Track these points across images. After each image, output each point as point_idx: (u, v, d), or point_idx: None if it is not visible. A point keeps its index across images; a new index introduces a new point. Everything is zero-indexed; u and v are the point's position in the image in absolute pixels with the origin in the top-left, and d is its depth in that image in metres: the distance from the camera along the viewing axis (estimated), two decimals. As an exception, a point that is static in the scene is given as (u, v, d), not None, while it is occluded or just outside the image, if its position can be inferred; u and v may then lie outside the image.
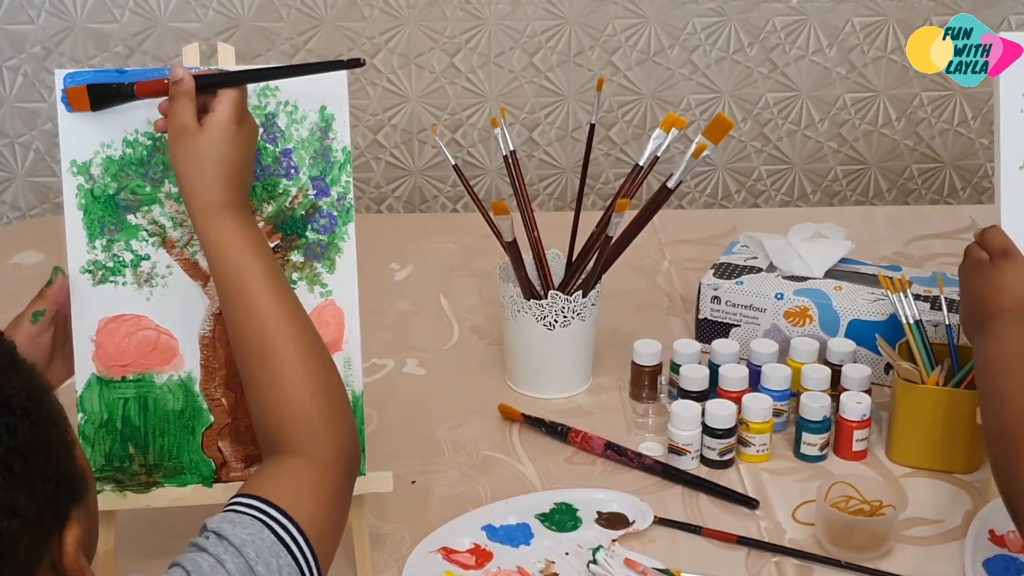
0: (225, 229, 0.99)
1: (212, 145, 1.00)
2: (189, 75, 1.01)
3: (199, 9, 2.02)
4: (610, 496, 1.26)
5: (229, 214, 1.00)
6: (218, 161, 1.00)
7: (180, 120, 1.01)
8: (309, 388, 0.97)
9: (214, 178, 1.00)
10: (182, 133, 1.00)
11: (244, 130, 1.02)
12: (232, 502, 0.90)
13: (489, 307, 1.66)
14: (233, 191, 1.01)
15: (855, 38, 2.13)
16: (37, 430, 0.73)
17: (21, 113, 2.06)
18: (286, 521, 0.88)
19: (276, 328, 0.98)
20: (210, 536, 0.87)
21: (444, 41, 2.08)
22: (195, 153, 1.00)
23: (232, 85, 1.01)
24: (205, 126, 1.00)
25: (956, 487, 1.29)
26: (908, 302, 1.36)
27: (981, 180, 2.24)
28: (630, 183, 1.44)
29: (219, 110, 1.01)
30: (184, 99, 1.01)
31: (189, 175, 1.00)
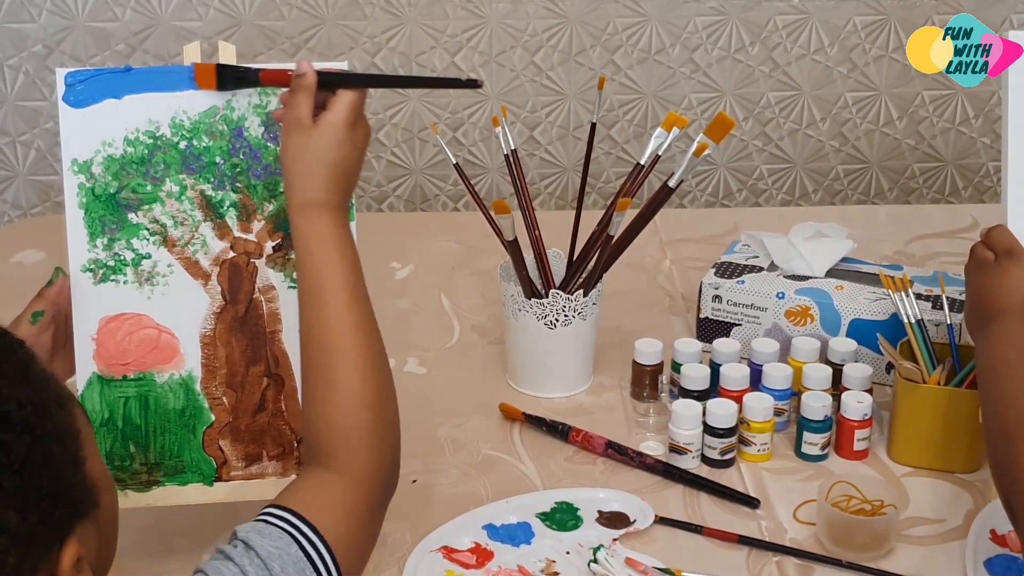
0: (316, 228, 0.99)
1: (321, 143, 1.00)
2: (312, 71, 1.02)
3: (200, 8, 2.02)
4: (611, 495, 1.26)
5: (324, 214, 1.00)
6: (324, 160, 1.00)
7: (296, 113, 1.01)
8: (361, 402, 0.96)
9: (317, 176, 1.00)
10: (295, 126, 1.01)
11: (356, 133, 1.02)
12: (264, 511, 0.90)
13: (490, 306, 1.66)
14: (333, 192, 1.01)
15: (856, 37, 2.13)
16: (38, 446, 0.72)
17: (22, 112, 2.06)
18: (315, 537, 0.88)
19: (341, 336, 0.97)
20: (238, 545, 0.87)
21: (445, 40, 2.08)
22: (303, 149, 1.00)
23: (353, 87, 1.02)
24: (318, 123, 1.01)
25: (957, 487, 1.29)
26: (909, 301, 1.36)
27: (983, 179, 2.24)
28: (631, 182, 1.44)
29: (335, 109, 1.01)
30: (303, 93, 1.01)
31: (294, 169, 1.01)
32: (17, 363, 0.75)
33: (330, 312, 0.98)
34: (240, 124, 1.10)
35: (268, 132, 1.10)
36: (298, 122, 1.01)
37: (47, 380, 0.77)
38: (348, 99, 1.01)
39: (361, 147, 1.03)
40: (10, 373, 0.74)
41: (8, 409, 0.72)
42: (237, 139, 1.10)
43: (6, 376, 0.74)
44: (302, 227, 1.00)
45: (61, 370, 1.09)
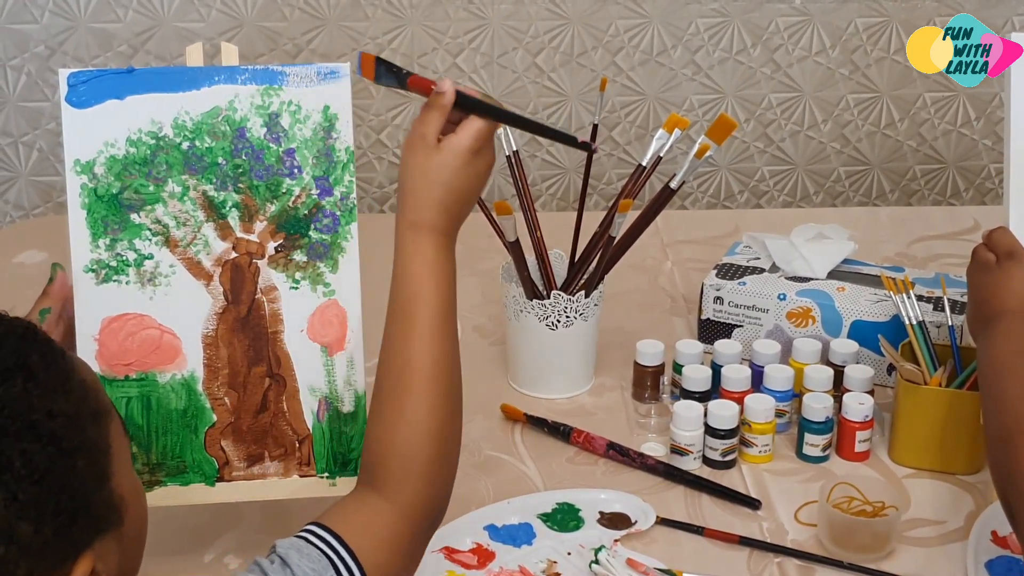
0: (419, 249, 0.98)
1: (441, 166, 0.98)
2: (452, 91, 0.99)
3: (202, 9, 2.02)
4: (612, 496, 1.27)
5: (430, 237, 0.99)
6: (440, 183, 0.98)
7: (423, 130, 0.99)
8: (425, 432, 0.96)
9: (429, 198, 0.98)
10: (419, 143, 0.99)
11: (477, 162, 0.99)
12: (307, 528, 0.90)
13: (492, 307, 1.66)
14: (443, 217, 0.99)
15: (858, 39, 2.13)
16: (62, 459, 0.71)
17: (25, 112, 2.07)
18: (353, 565, 0.88)
19: (420, 364, 0.96)
20: (275, 560, 0.87)
21: (447, 41, 2.08)
22: (421, 168, 0.98)
23: (486, 116, 0.99)
24: (442, 145, 0.98)
25: (958, 488, 1.29)
26: (911, 303, 1.36)
27: (984, 181, 2.24)
28: (633, 183, 1.45)
29: (460, 134, 0.99)
30: (435, 112, 0.99)
31: (408, 187, 0.99)
32: (58, 372, 0.74)
33: (416, 335, 0.97)
34: (242, 125, 1.10)
35: (270, 133, 1.10)
36: (422, 139, 0.99)
37: (86, 392, 0.75)
38: (476, 126, 0.99)
39: (481, 176, 1.01)
40: (47, 382, 0.73)
41: (36, 419, 0.71)
42: (239, 140, 1.10)
43: (43, 385, 0.73)
44: (406, 246, 0.99)
45: None
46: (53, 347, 0.76)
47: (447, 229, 1.00)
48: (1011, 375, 1.10)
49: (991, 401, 1.11)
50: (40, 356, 0.74)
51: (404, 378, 0.97)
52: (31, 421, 0.71)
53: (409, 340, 0.97)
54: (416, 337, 0.97)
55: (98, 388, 0.78)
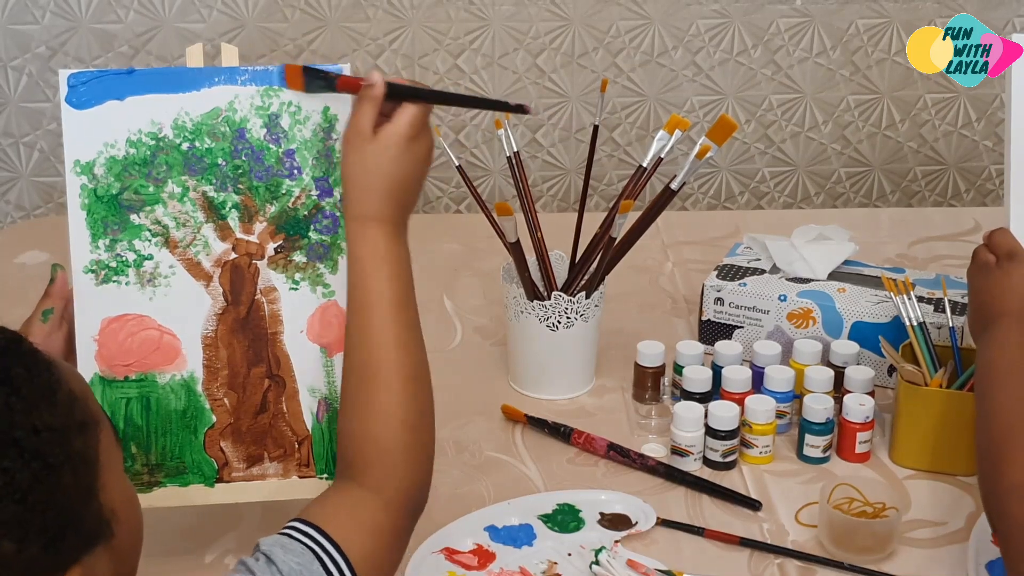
0: (368, 242, 0.99)
1: (379, 156, 0.99)
2: (382, 83, 0.99)
3: (203, 9, 2.02)
4: (613, 497, 1.26)
5: (378, 228, 0.99)
6: (381, 173, 0.99)
7: (356, 124, 1.00)
8: (397, 421, 0.96)
9: (373, 189, 0.99)
10: (355, 137, 1.00)
11: (415, 148, 1.00)
12: (290, 525, 0.90)
13: (492, 308, 1.66)
14: (389, 206, 0.99)
15: (859, 40, 2.13)
16: (47, 475, 0.70)
17: (26, 113, 2.07)
18: (338, 556, 0.88)
19: (385, 353, 0.97)
20: (260, 558, 0.87)
21: (448, 42, 2.08)
22: (361, 160, 0.99)
23: (419, 101, 1.00)
24: (378, 136, 0.99)
25: (959, 489, 1.29)
26: (911, 304, 1.36)
27: (985, 182, 2.24)
28: (633, 184, 1.45)
29: (396, 122, 0.99)
30: (367, 104, 1.00)
31: (351, 181, 1.00)
32: (42, 385, 0.73)
33: (375, 327, 0.97)
34: (242, 126, 1.10)
35: (270, 134, 1.10)
36: (358, 133, 0.99)
37: (73, 403, 0.74)
38: (410, 112, 0.99)
39: (422, 161, 1.01)
40: (31, 396, 0.72)
41: (19, 435, 0.70)
42: (239, 141, 1.10)
43: (26, 399, 0.71)
44: (355, 239, 0.99)
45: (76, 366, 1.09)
46: (39, 358, 0.75)
47: (394, 218, 1.00)
48: (1004, 384, 1.10)
49: (983, 409, 1.11)
50: (24, 369, 0.73)
51: (369, 371, 0.97)
52: (13, 438, 0.69)
53: (369, 331, 0.98)
54: (376, 329, 0.98)
55: (87, 398, 0.76)
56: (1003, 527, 1.02)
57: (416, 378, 0.98)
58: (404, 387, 0.97)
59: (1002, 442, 1.06)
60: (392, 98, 1.00)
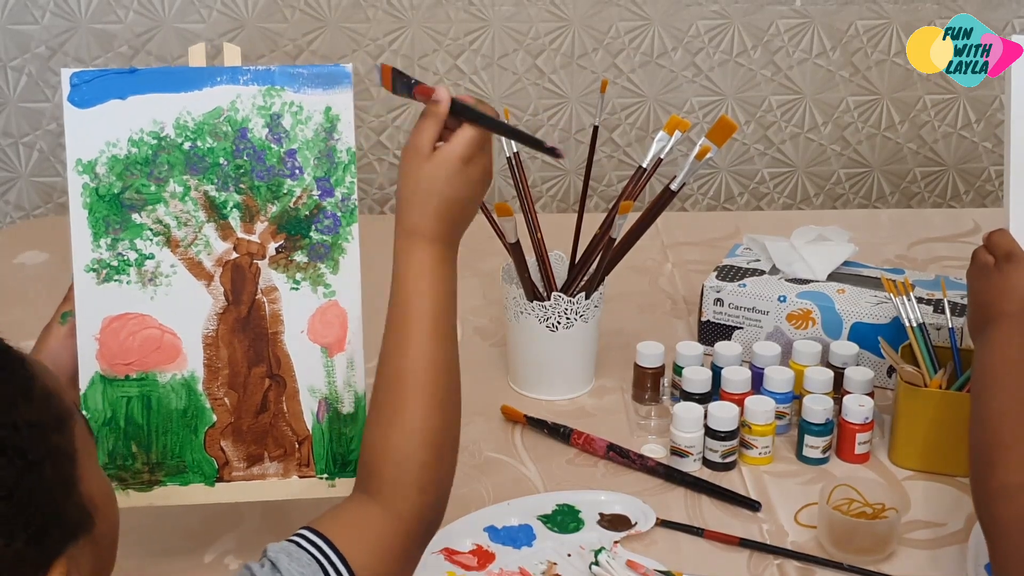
0: (415, 256, 0.99)
1: (433, 175, 0.98)
2: (447, 100, 0.99)
3: (203, 10, 2.02)
4: (612, 498, 1.27)
5: (425, 246, 0.99)
6: (433, 192, 0.98)
7: (417, 139, 0.99)
8: (420, 439, 0.96)
9: (423, 205, 0.99)
10: (412, 153, 0.99)
11: (470, 170, 0.99)
12: (299, 532, 0.90)
13: (492, 308, 1.66)
14: (439, 225, 0.99)
15: (858, 41, 2.13)
16: (28, 472, 0.70)
17: (26, 113, 2.07)
18: (343, 569, 0.88)
19: (416, 370, 0.97)
20: (265, 564, 0.87)
21: (448, 43, 2.08)
22: (416, 177, 0.99)
23: (479, 124, 0.99)
24: (435, 154, 0.99)
25: (958, 490, 1.29)
26: (911, 305, 1.36)
27: (984, 183, 2.24)
28: (633, 185, 1.45)
29: (453, 143, 0.99)
30: (430, 120, 0.99)
31: (404, 196, 1.00)
32: (18, 382, 0.73)
33: (411, 344, 0.98)
34: (244, 125, 1.10)
35: (272, 133, 1.10)
36: (416, 148, 0.99)
37: (49, 399, 0.75)
38: (468, 135, 0.99)
39: (475, 183, 1.00)
40: (8, 393, 0.72)
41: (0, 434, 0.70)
42: (241, 140, 1.10)
43: (4, 396, 0.72)
44: (401, 253, 1.00)
45: None
46: (12, 355, 0.75)
47: (444, 237, 1.00)
48: (998, 386, 1.10)
49: (976, 410, 1.11)
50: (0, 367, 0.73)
51: (398, 385, 0.97)
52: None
53: (404, 347, 0.98)
54: (411, 344, 0.98)
55: (60, 392, 0.77)
56: (990, 527, 1.03)
57: (444, 400, 0.98)
58: (431, 405, 0.97)
59: (993, 443, 1.06)
60: (455, 115, 1.00)
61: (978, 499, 1.06)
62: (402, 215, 1.00)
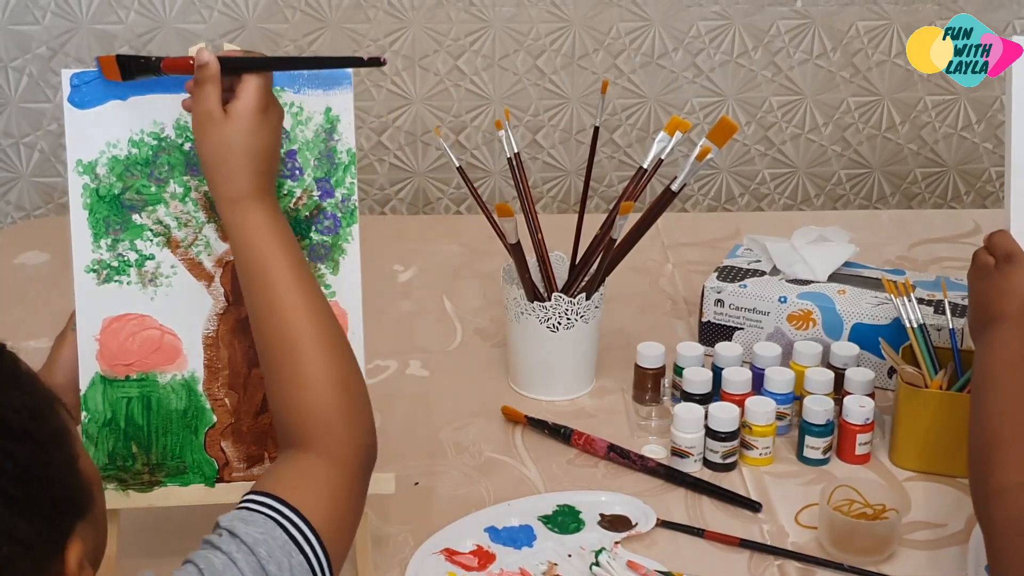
0: (251, 220, 0.98)
1: (237, 134, 0.98)
2: (215, 60, 0.98)
3: (204, 10, 2.02)
4: (613, 498, 1.27)
5: (255, 205, 0.99)
6: (243, 151, 0.98)
7: (204, 106, 0.99)
8: (328, 383, 0.96)
9: (239, 168, 0.98)
10: (207, 120, 0.99)
11: (269, 118, 0.99)
12: (245, 499, 0.90)
13: (493, 309, 1.66)
14: (259, 181, 0.99)
15: (859, 42, 2.13)
16: (38, 451, 0.72)
17: (26, 113, 2.07)
18: (298, 520, 0.88)
19: (298, 320, 0.97)
20: (223, 534, 0.87)
21: (448, 43, 2.08)
22: (220, 142, 0.98)
23: (257, 71, 0.99)
24: (230, 114, 0.98)
25: (959, 491, 1.29)
26: (912, 306, 1.36)
27: (985, 184, 2.24)
28: (634, 186, 1.45)
29: (243, 98, 0.98)
30: (209, 84, 0.98)
31: (214, 164, 0.99)
32: (5, 369, 0.74)
33: (283, 299, 0.97)
34: (244, 126, 1.10)
35: (272, 134, 1.10)
36: (208, 115, 0.98)
37: (34, 382, 0.76)
38: (255, 84, 0.98)
39: (277, 131, 1.01)
40: (2, 381, 0.73)
41: (6, 416, 0.71)
42: (241, 141, 1.10)
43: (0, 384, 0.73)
44: (235, 222, 0.99)
45: None
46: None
47: (267, 191, 1.00)
48: (997, 387, 1.10)
49: (975, 413, 1.11)
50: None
51: (286, 339, 0.96)
52: (1, 419, 0.71)
53: (276, 302, 0.97)
54: (284, 298, 0.97)
55: (37, 376, 0.77)
56: (988, 527, 1.02)
57: (334, 338, 0.98)
58: (326, 351, 0.97)
59: (993, 443, 1.06)
60: (228, 72, 0.99)
61: (977, 499, 1.06)
62: (220, 184, 0.99)
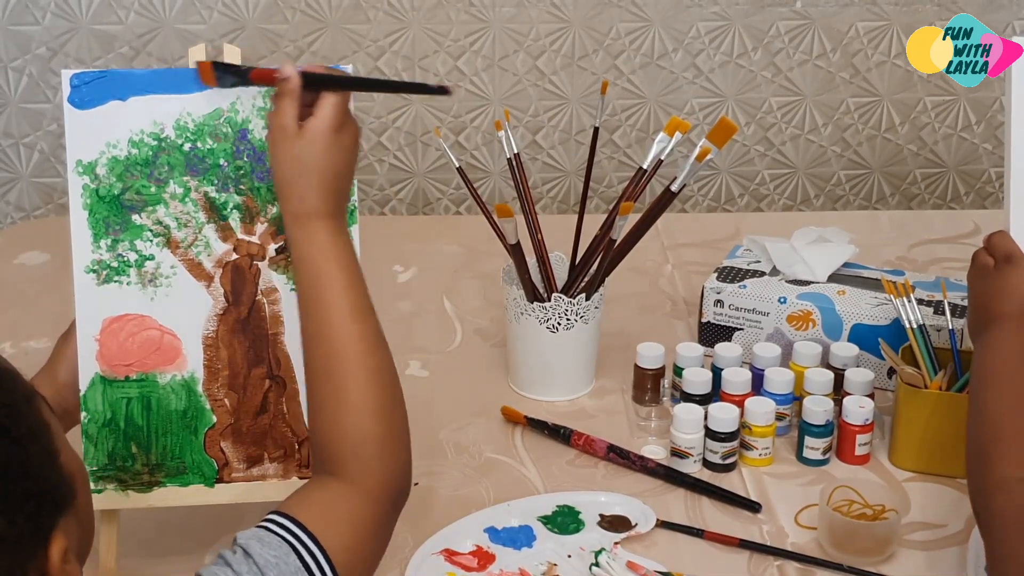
0: (315, 239, 0.98)
1: (309, 152, 0.98)
2: (296, 75, 0.99)
3: (204, 11, 2.02)
4: (612, 499, 1.27)
5: (321, 224, 0.98)
6: (314, 169, 0.98)
7: (281, 120, 0.99)
8: (369, 413, 0.95)
9: (309, 185, 0.98)
10: (281, 135, 0.99)
11: (343, 138, 0.99)
12: (268, 517, 0.90)
13: (492, 309, 1.66)
14: (328, 200, 0.99)
15: (859, 43, 2.13)
16: (16, 448, 0.72)
17: (26, 114, 2.07)
18: (315, 548, 0.87)
19: (347, 345, 0.96)
20: (237, 551, 0.87)
21: (448, 44, 2.08)
22: (292, 158, 0.98)
23: (337, 89, 0.99)
24: (304, 131, 0.98)
25: (959, 492, 1.29)
26: (911, 306, 1.36)
27: (984, 185, 2.24)
28: (634, 186, 1.45)
29: (319, 116, 0.98)
30: (287, 99, 0.99)
31: (285, 179, 0.99)
32: None
33: (334, 321, 0.97)
34: (244, 126, 1.10)
35: (272, 134, 1.10)
36: (283, 129, 0.99)
37: (13, 378, 0.76)
38: (332, 103, 0.99)
39: (351, 150, 1.01)
40: None
41: None
42: (241, 141, 1.10)
43: None
44: (299, 238, 0.99)
45: None
46: None
47: (335, 211, 1.00)
48: (995, 388, 1.10)
49: (974, 410, 1.12)
50: None
51: (333, 365, 0.96)
52: None
53: (328, 326, 0.97)
54: (335, 321, 0.97)
55: (16, 372, 0.77)
56: (987, 522, 1.03)
57: (382, 368, 0.97)
58: (371, 379, 0.96)
59: (992, 439, 1.06)
60: (309, 88, 0.99)
61: (976, 494, 1.06)
62: (288, 201, 0.99)
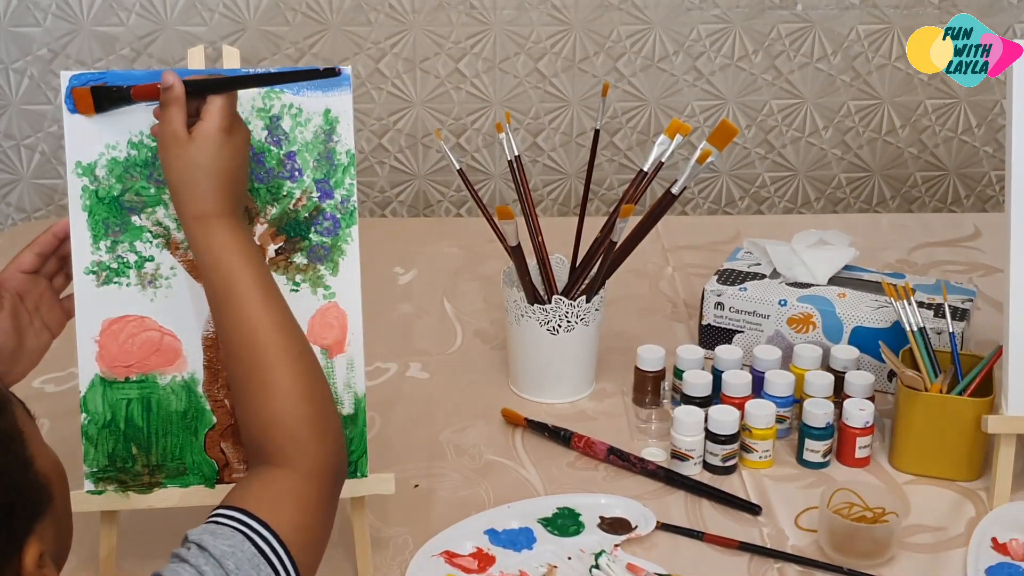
0: (216, 237, 0.99)
1: (201, 155, 0.99)
2: (179, 82, 1.00)
3: (205, 13, 2.03)
4: (613, 501, 1.26)
5: (220, 222, 0.99)
6: (208, 171, 0.99)
7: (170, 128, 1.00)
8: (296, 397, 0.96)
9: (205, 188, 0.99)
10: (172, 141, 1.00)
11: (234, 138, 1.01)
12: (214, 513, 0.90)
13: (493, 311, 1.66)
14: (225, 199, 1.00)
15: (859, 46, 2.13)
16: None
17: (27, 115, 2.07)
18: (267, 533, 0.88)
19: (265, 336, 0.97)
20: (191, 547, 0.87)
21: (449, 46, 2.08)
22: (185, 163, 0.99)
23: (221, 91, 1.00)
24: (194, 135, 1.00)
25: (959, 494, 1.29)
26: (912, 309, 1.36)
27: (985, 188, 2.24)
28: (634, 189, 1.45)
29: (207, 119, 1.00)
30: (174, 107, 1.00)
31: (180, 184, 1.00)
32: None
33: (250, 313, 0.97)
34: (244, 127, 1.10)
35: (271, 136, 1.10)
36: (173, 136, 1.00)
37: None
38: (219, 105, 1.00)
39: (242, 150, 1.02)
40: None
41: None
42: (241, 142, 1.10)
43: None
44: (201, 239, 0.99)
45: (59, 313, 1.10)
46: None
47: (232, 209, 1.01)
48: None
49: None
50: None
51: (254, 354, 0.97)
52: None
53: (243, 317, 0.97)
54: (251, 313, 0.97)
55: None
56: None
57: (303, 351, 0.98)
58: (295, 363, 0.97)
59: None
60: (194, 94, 1.00)
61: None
62: (185, 203, 1.00)
